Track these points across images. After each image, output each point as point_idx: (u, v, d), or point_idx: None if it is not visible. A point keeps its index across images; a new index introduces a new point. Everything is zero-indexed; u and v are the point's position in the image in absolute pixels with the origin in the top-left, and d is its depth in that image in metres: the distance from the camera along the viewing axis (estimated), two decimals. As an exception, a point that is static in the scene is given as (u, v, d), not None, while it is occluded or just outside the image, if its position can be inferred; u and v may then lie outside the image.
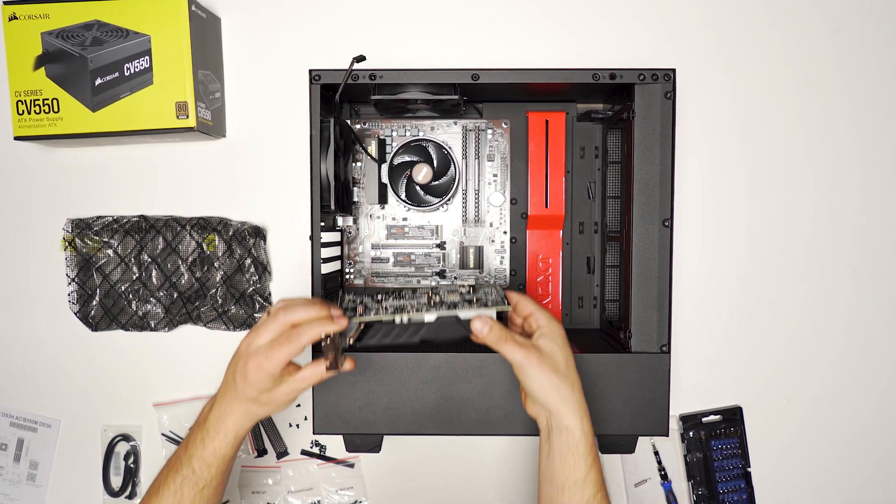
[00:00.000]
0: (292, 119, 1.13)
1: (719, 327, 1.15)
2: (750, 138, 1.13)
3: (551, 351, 0.78)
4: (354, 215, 1.11)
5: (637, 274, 0.95)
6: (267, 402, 0.78)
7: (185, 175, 1.15)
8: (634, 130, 0.94)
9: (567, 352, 0.80)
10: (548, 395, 0.77)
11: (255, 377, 0.76)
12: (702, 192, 1.14)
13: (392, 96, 0.97)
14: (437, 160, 1.08)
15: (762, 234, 1.14)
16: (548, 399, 0.77)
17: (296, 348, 0.74)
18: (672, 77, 0.93)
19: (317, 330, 0.75)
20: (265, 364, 0.75)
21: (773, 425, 1.16)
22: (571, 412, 0.77)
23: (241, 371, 0.77)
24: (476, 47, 1.13)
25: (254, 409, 0.80)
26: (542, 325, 0.80)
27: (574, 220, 1.12)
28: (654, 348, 0.94)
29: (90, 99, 1.04)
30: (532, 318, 0.82)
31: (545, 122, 1.07)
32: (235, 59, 1.14)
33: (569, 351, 0.80)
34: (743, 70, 1.13)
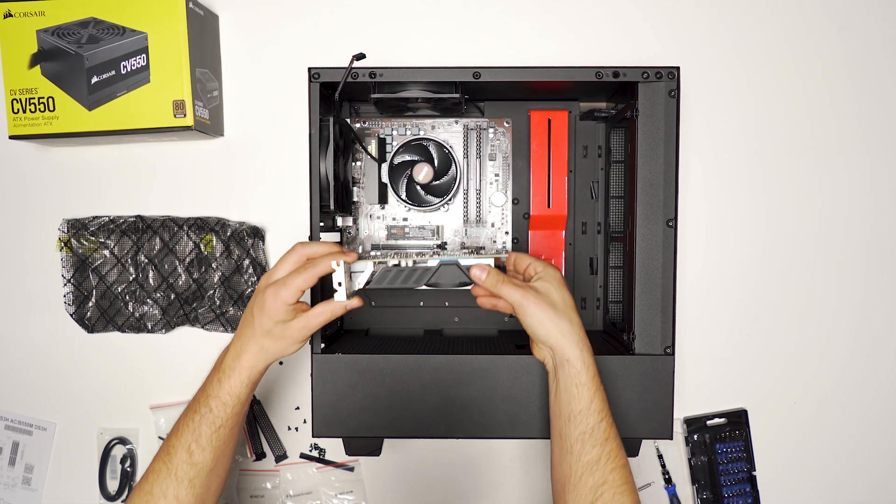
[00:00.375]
0: (291, 118, 1.13)
1: (724, 329, 1.15)
2: (755, 137, 1.13)
3: (548, 290, 0.83)
4: (354, 215, 1.11)
5: (641, 275, 0.94)
6: (280, 335, 0.82)
7: (182, 175, 1.15)
8: (638, 129, 0.94)
9: (564, 292, 0.85)
10: (547, 331, 0.82)
11: (272, 306, 0.80)
12: (706, 192, 1.13)
13: (392, 95, 0.97)
14: (437, 159, 1.08)
15: (767, 234, 1.14)
16: (548, 335, 0.82)
17: (311, 277, 0.80)
18: (676, 75, 0.93)
19: (330, 260, 0.81)
20: (282, 291, 0.79)
21: (779, 428, 1.15)
22: (571, 344, 0.81)
23: (259, 303, 0.81)
24: (477, 45, 1.13)
25: (268, 345, 0.83)
26: (539, 270, 0.86)
27: (577, 220, 1.12)
28: (657, 350, 0.94)
29: (86, 97, 1.04)
30: (529, 267, 0.88)
31: (548, 120, 1.06)
32: (233, 57, 1.14)
33: (566, 291, 0.85)
34: (748, 68, 1.12)
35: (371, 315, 1.13)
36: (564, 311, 0.83)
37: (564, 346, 0.82)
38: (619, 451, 0.80)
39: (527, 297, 0.82)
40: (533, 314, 0.82)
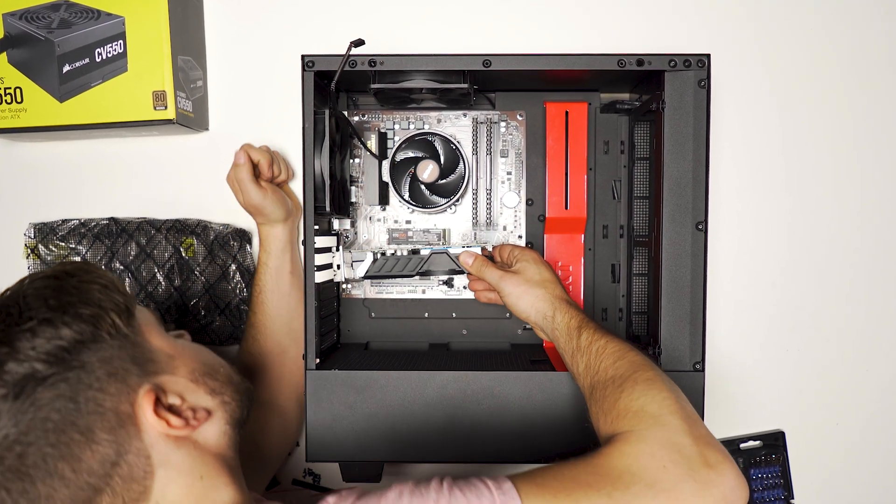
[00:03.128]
0: (283, 110, 1.12)
1: (759, 342, 1.14)
2: (792, 132, 1.13)
3: (524, 269, 0.98)
4: (352, 218, 1.11)
5: (667, 283, 0.94)
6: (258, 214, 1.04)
7: (162, 173, 1.14)
8: (664, 123, 0.93)
9: (540, 267, 0.98)
10: (526, 303, 0.96)
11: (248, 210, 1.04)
12: (739, 192, 1.13)
13: (394, 85, 0.97)
14: (444, 156, 1.08)
15: (806, 238, 1.13)
16: (528, 306, 0.95)
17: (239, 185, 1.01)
18: (706, 63, 0.93)
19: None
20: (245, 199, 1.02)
21: (820, 452, 1.15)
22: (547, 305, 0.94)
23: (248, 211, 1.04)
24: (488, 30, 1.13)
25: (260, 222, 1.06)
26: (517, 254, 1.01)
27: (597, 222, 1.11)
28: (686, 366, 0.94)
29: (57, 88, 1.04)
30: (511, 253, 1.02)
31: (565, 113, 1.06)
32: (220, 44, 1.14)
33: (542, 267, 0.98)
34: (784, 56, 1.12)
35: (371, 327, 1.13)
36: (540, 282, 0.96)
37: (542, 308, 0.94)
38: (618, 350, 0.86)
39: (504, 277, 0.97)
40: (511, 291, 0.96)
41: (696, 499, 0.68)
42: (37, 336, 0.63)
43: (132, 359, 0.69)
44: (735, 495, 0.69)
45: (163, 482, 0.67)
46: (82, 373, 0.64)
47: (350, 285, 1.12)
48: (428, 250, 1.04)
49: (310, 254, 0.95)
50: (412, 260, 1.04)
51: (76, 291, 0.68)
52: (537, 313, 0.95)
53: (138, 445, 0.66)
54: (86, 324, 0.66)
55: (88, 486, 0.63)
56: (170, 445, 0.68)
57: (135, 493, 0.66)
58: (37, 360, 0.62)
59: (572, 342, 0.89)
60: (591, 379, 0.84)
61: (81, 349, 0.65)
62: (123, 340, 0.69)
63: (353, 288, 1.12)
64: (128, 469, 0.65)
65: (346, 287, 1.12)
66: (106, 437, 0.64)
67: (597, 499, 0.66)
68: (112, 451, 0.64)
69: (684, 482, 0.68)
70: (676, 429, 0.72)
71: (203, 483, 0.70)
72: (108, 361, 0.66)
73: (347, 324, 1.13)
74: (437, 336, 1.13)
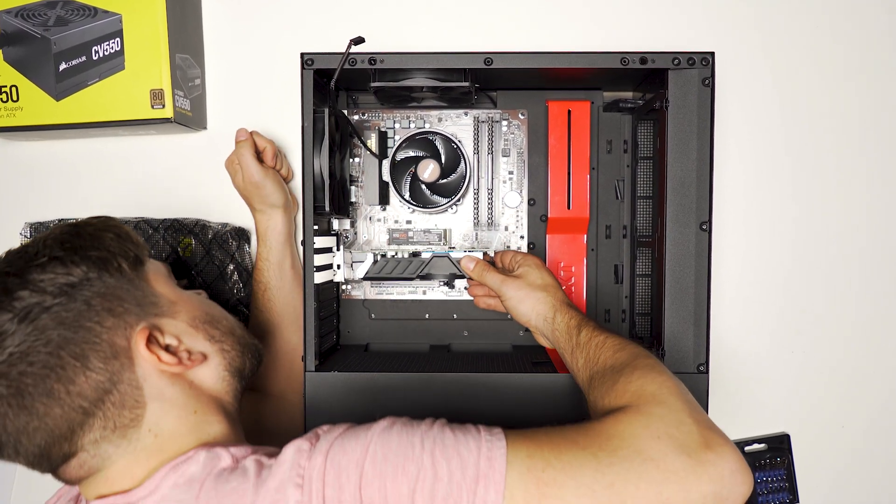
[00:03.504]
0: (282, 109, 1.12)
1: (763, 344, 1.14)
2: (797, 131, 1.13)
3: (526, 273, 0.99)
4: (352, 218, 1.11)
5: (671, 284, 0.94)
6: (257, 195, 1.05)
7: (159, 172, 1.14)
8: (668, 122, 0.93)
9: (542, 272, 0.99)
10: (527, 307, 0.96)
11: (246, 192, 1.06)
12: (744, 192, 1.13)
13: (394, 83, 0.97)
14: (445, 155, 1.08)
15: (811, 238, 1.13)
16: (529, 309, 0.96)
17: (240, 161, 1.02)
18: (710, 61, 0.93)
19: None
20: (245, 176, 1.03)
21: (825, 455, 1.15)
22: (548, 308, 0.95)
23: (245, 195, 1.06)
24: (489, 28, 1.12)
25: (257, 208, 1.06)
26: (519, 259, 1.01)
27: (600, 223, 1.11)
28: (690, 368, 0.94)
29: (53, 86, 1.04)
30: (511, 260, 1.02)
31: (567, 112, 1.06)
32: (218, 42, 1.14)
33: (544, 272, 0.99)
34: (790, 54, 1.12)
35: (371, 328, 1.13)
36: (542, 286, 0.97)
37: (542, 311, 0.95)
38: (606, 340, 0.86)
39: (506, 282, 0.98)
40: (512, 295, 0.97)
41: (687, 474, 0.64)
42: (46, 271, 0.71)
43: (134, 299, 0.76)
44: (734, 480, 0.65)
45: (156, 413, 0.74)
46: (83, 306, 0.71)
47: (350, 286, 1.12)
48: (429, 253, 1.05)
49: (309, 254, 0.95)
50: (413, 262, 1.04)
51: (90, 237, 0.76)
52: (538, 316, 0.95)
53: (130, 377, 0.73)
54: (93, 264, 0.74)
55: (81, 408, 0.70)
56: (164, 381, 0.75)
57: (125, 419, 0.72)
58: (44, 292, 0.70)
59: (572, 340, 0.89)
60: (591, 370, 0.84)
61: (86, 286, 0.72)
62: (127, 283, 0.76)
63: (353, 289, 1.12)
64: (119, 397, 0.72)
65: (345, 288, 1.12)
66: (100, 365, 0.71)
67: (581, 456, 0.65)
68: (105, 378, 0.71)
69: (677, 456, 0.65)
70: (676, 408, 0.71)
71: (196, 417, 0.77)
72: (109, 299, 0.73)
73: (347, 325, 1.13)
74: (438, 338, 1.13)
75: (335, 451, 0.66)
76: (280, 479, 0.65)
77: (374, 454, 0.65)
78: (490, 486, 0.63)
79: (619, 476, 0.64)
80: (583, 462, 0.65)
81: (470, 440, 0.67)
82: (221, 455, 0.71)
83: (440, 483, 0.63)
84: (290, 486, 0.64)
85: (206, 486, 0.68)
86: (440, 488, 0.63)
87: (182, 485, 0.69)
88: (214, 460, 0.71)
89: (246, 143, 1.01)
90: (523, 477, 0.64)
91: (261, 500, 0.65)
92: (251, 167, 1.01)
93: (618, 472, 0.64)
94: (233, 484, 0.67)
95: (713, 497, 0.64)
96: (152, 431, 0.73)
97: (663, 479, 0.64)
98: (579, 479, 0.64)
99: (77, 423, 0.70)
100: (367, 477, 0.64)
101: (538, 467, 0.64)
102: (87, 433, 0.71)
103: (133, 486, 0.72)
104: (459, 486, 0.63)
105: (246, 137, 1.02)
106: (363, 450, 0.66)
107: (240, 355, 0.84)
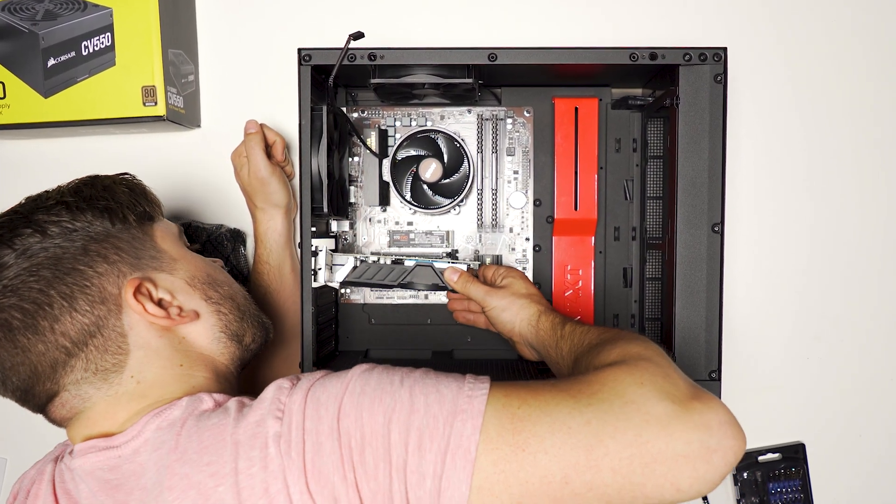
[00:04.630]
0: (278, 107, 1.12)
1: (778, 350, 1.14)
2: (814, 128, 1.12)
3: (510, 284, 1.01)
4: (351, 219, 1.11)
5: (682, 288, 0.94)
6: (261, 192, 1.05)
7: (151, 172, 1.13)
8: (679, 119, 0.93)
9: (527, 283, 1.02)
10: (511, 313, 0.98)
11: (250, 187, 1.06)
12: (757, 192, 1.13)
13: (395, 80, 0.96)
14: (447, 155, 1.08)
15: (828, 240, 1.13)
16: (513, 316, 0.98)
17: (248, 155, 1.03)
18: (723, 57, 0.92)
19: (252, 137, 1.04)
20: (252, 170, 1.04)
21: (842, 465, 1.15)
22: (532, 310, 0.97)
23: (249, 191, 1.06)
24: (494, 23, 1.12)
25: (259, 206, 1.07)
26: (503, 272, 1.04)
27: (608, 224, 1.11)
28: (702, 374, 0.94)
29: (42, 83, 1.04)
30: (496, 272, 1.05)
31: (574, 109, 1.06)
32: (212, 37, 1.14)
33: (528, 283, 1.02)
34: (805, 49, 1.12)
35: (371, 334, 1.13)
36: (526, 294, 0.99)
37: (526, 315, 0.97)
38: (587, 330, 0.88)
39: (490, 292, 1.00)
40: (496, 304, 0.99)
41: (670, 419, 0.63)
42: (51, 214, 0.77)
43: (133, 251, 0.80)
44: (723, 431, 0.63)
45: (140, 361, 0.77)
46: (79, 250, 0.76)
47: (349, 290, 1.12)
48: (412, 262, 1.04)
49: (306, 257, 0.95)
50: (395, 270, 1.03)
51: (102, 188, 0.82)
52: (521, 321, 0.97)
53: (116, 323, 0.76)
54: (99, 212, 0.79)
55: (64, 348, 0.74)
56: (152, 332, 0.78)
57: (108, 363, 0.76)
58: (45, 233, 0.75)
59: (556, 333, 0.91)
60: (575, 354, 0.84)
61: (85, 231, 0.77)
62: (129, 234, 0.81)
63: (353, 293, 1.12)
64: (103, 342, 0.76)
65: (344, 292, 1.12)
66: (87, 308, 0.75)
67: (559, 396, 0.65)
68: (90, 321, 0.75)
69: (659, 400, 0.64)
70: (663, 364, 0.70)
71: (182, 370, 0.80)
72: (105, 246, 0.78)
73: (346, 330, 1.13)
74: (441, 343, 1.13)
75: (316, 388, 0.69)
76: (261, 414, 0.67)
77: (352, 389, 0.67)
78: (468, 421, 0.63)
79: (597, 415, 0.63)
80: (560, 401, 0.65)
81: (452, 381, 0.68)
82: (204, 398, 0.74)
83: (416, 414, 0.64)
84: (270, 419, 0.66)
85: (188, 424, 0.70)
86: (416, 419, 0.64)
87: (165, 427, 0.72)
88: (196, 402, 0.74)
89: (257, 136, 1.01)
90: (498, 412, 0.64)
91: (241, 432, 0.66)
92: (260, 162, 1.01)
93: (595, 412, 0.64)
94: (213, 420, 0.69)
95: (699, 445, 0.62)
96: (135, 378, 0.77)
97: (643, 421, 0.63)
98: (555, 415, 0.64)
99: (60, 363, 0.74)
100: (344, 409, 0.66)
101: (514, 404, 0.65)
102: (70, 373, 0.75)
103: (116, 429, 0.75)
104: (436, 418, 0.64)
105: (257, 129, 1.02)
106: (343, 386, 0.68)
107: (237, 320, 0.87)
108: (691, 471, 0.62)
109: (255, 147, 1.01)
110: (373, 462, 0.63)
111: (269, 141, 1.04)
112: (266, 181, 1.02)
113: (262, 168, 1.01)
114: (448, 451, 0.62)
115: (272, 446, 0.65)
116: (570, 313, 1.10)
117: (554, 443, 0.62)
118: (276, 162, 1.05)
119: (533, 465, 0.62)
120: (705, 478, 0.62)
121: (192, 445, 0.68)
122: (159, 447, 0.70)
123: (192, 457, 0.67)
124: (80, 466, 0.74)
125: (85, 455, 0.74)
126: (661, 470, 0.62)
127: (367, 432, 0.64)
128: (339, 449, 0.64)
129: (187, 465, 0.67)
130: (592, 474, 0.62)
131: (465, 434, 0.63)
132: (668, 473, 0.62)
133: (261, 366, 1.08)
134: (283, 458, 0.64)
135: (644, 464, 0.62)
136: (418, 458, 0.63)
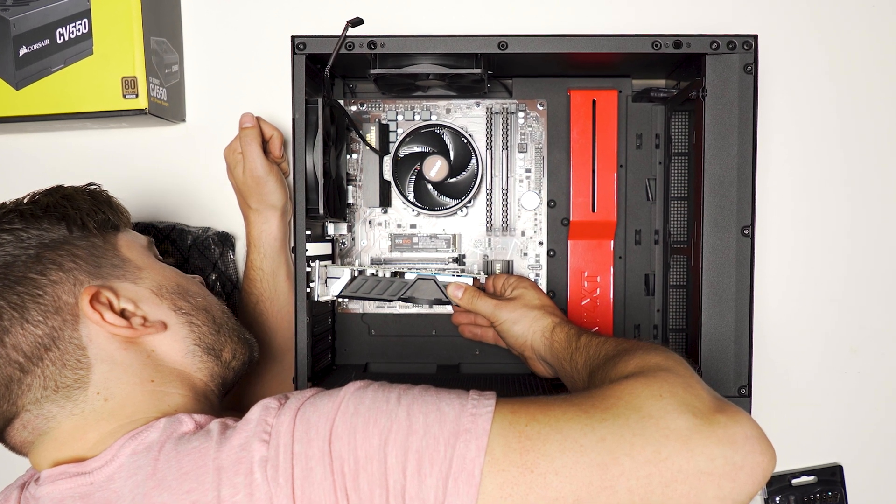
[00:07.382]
0: (269, 100, 1.12)
1: (813, 364, 1.14)
2: (853, 123, 1.12)
3: (522, 295, 1.01)
4: (349, 222, 1.11)
5: (709, 296, 0.94)
6: (256, 192, 1.05)
7: (133, 170, 1.14)
8: (706, 113, 0.93)
9: (539, 293, 1.02)
10: (524, 326, 0.98)
11: (245, 186, 1.05)
12: (791, 192, 1.13)
13: (397, 70, 0.96)
14: (454, 151, 1.07)
15: (868, 246, 1.13)
16: (525, 328, 0.98)
17: (244, 151, 1.02)
18: (753, 45, 0.92)
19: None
20: (248, 168, 1.03)
21: (882, 489, 1.14)
22: (546, 321, 0.97)
23: (243, 190, 1.06)
24: (505, 8, 1.12)
25: (253, 207, 1.07)
26: (513, 282, 1.04)
27: (629, 227, 1.11)
28: (730, 391, 0.93)
29: (13, 73, 1.04)
30: (506, 282, 1.04)
31: (592, 102, 1.06)
32: (198, 24, 1.14)
33: (541, 293, 1.02)
34: (843, 36, 1.11)
35: (371, 346, 1.13)
36: (539, 306, 0.99)
37: (540, 327, 0.97)
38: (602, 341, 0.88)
39: (500, 305, 1.00)
40: (507, 318, 0.99)
41: (691, 433, 0.62)
42: (3, 222, 0.78)
43: (91, 259, 0.80)
44: (750, 446, 0.62)
45: (104, 377, 0.77)
46: (31, 258, 0.76)
47: (347, 299, 1.12)
48: (413, 275, 1.02)
49: (301, 262, 0.95)
50: (394, 283, 1.02)
51: (63, 197, 0.83)
52: (534, 334, 0.97)
53: (73, 335, 0.76)
54: (55, 220, 0.80)
55: (17, 363, 0.74)
56: (115, 345, 0.78)
57: (68, 379, 0.75)
58: None
59: (571, 346, 0.91)
60: (591, 367, 0.84)
61: (39, 239, 0.78)
62: (87, 242, 0.81)
63: (351, 302, 1.12)
64: (60, 355, 0.75)
65: (342, 301, 1.12)
66: (39, 318, 0.75)
67: (571, 412, 0.65)
68: (44, 333, 0.75)
69: (680, 414, 0.63)
70: (685, 374, 0.69)
71: (154, 386, 0.79)
72: (60, 254, 0.78)
73: (344, 342, 1.13)
74: (447, 356, 1.13)
75: (306, 408, 0.68)
76: (245, 436, 0.66)
77: (345, 409, 0.66)
78: (471, 442, 0.62)
79: (612, 431, 0.63)
80: (571, 417, 0.64)
81: (454, 398, 0.67)
82: (183, 420, 0.73)
83: (415, 435, 0.63)
84: (256, 442, 0.65)
85: (166, 448, 0.69)
86: (415, 441, 0.63)
87: (141, 451, 0.71)
88: (175, 424, 0.73)
89: (253, 131, 1.01)
90: (504, 431, 0.63)
91: (224, 456, 0.65)
92: (256, 159, 1.01)
93: (610, 428, 0.63)
94: (194, 444, 0.68)
95: (724, 461, 0.61)
96: (101, 395, 0.76)
97: (662, 436, 0.62)
98: (566, 432, 0.63)
99: (14, 380, 0.74)
100: (336, 431, 0.65)
101: (521, 422, 0.64)
102: (27, 392, 0.75)
103: (87, 451, 0.74)
104: (436, 439, 0.63)
105: (253, 124, 1.01)
106: (335, 406, 0.67)
107: (213, 333, 0.86)
108: (716, 490, 0.61)
109: (252, 143, 1.00)
110: (368, 488, 0.62)
111: (265, 136, 1.04)
112: (262, 180, 1.02)
113: (258, 166, 1.01)
114: (450, 476, 0.62)
115: (258, 472, 0.64)
116: (588, 324, 1.10)
117: (565, 462, 0.62)
118: (274, 159, 1.05)
119: (543, 487, 0.62)
120: (731, 497, 0.61)
121: (171, 471, 0.67)
122: (135, 473, 0.69)
123: (171, 483, 0.66)
124: (47, 494, 0.72)
125: (54, 482, 0.72)
126: (682, 489, 0.61)
127: (361, 456, 0.63)
128: (331, 475, 0.63)
129: (166, 492, 0.66)
130: (607, 496, 0.61)
131: (469, 456, 0.62)
132: (690, 493, 0.61)
133: (251, 383, 1.08)
134: (270, 485, 0.63)
135: (664, 483, 0.61)
136: (418, 484, 0.62)
